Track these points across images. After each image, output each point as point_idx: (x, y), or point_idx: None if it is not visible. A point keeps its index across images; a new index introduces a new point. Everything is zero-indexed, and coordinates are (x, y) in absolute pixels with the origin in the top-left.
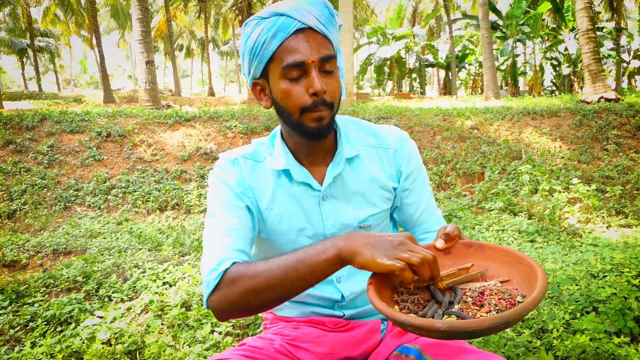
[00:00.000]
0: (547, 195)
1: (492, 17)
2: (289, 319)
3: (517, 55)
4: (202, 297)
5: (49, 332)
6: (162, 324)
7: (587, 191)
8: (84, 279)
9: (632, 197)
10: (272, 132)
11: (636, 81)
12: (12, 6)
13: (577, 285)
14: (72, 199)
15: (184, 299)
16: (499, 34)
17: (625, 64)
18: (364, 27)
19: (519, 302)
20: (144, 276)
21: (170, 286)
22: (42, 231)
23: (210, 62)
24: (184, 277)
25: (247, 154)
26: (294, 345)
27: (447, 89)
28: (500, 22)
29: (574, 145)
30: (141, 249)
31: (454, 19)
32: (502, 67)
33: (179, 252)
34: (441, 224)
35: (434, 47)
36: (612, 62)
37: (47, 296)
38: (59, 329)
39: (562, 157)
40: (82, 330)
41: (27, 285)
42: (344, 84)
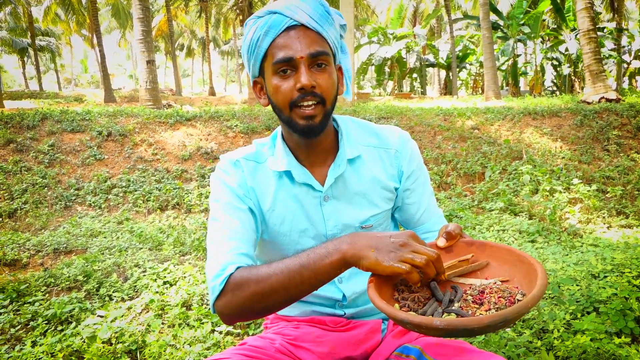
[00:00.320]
0: (547, 195)
1: (493, 17)
2: (290, 318)
3: (517, 55)
4: (202, 297)
5: (49, 331)
6: (162, 324)
7: (588, 191)
8: (85, 278)
9: (633, 197)
10: (273, 132)
11: (637, 81)
12: (13, 5)
13: (577, 285)
14: (73, 198)
15: (185, 299)
16: (499, 34)
17: (626, 65)
18: (364, 27)
19: (518, 300)
20: (144, 275)
21: (170, 285)
22: (43, 230)
23: (211, 62)
24: (185, 277)
25: (249, 155)
26: (295, 344)
27: (448, 89)
28: (501, 22)
29: (575, 145)
30: (142, 249)
31: (454, 19)
32: (503, 67)
33: (180, 251)
34: (442, 224)
35: (434, 47)
36: (613, 62)
37: (47, 295)
38: (59, 328)
39: (563, 158)
40: (83, 329)
41: (27, 284)
42: (349, 84)
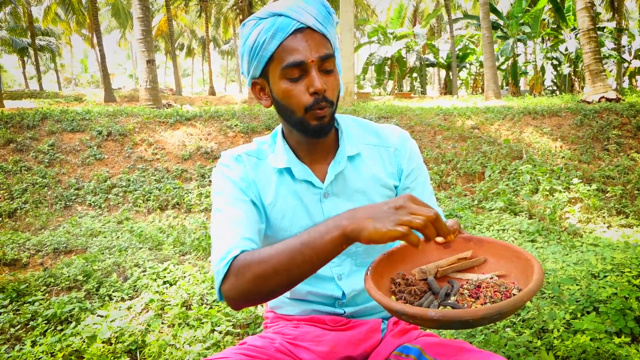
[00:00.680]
0: (547, 195)
1: (493, 17)
2: (290, 318)
3: (517, 55)
4: (202, 297)
5: (49, 331)
6: (162, 323)
7: (588, 191)
8: (85, 278)
9: (633, 197)
10: (273, 130)
11: (637, 81)
12: (13, 5)
13: (577, 285)
14: (73, 197)
15: (185, 298)
16: (499, 33)
17: (626, 64)
18: (364, 27)
19: (514, 294)
20: (144, 275)
21: (170, 285)
22: (43, 230)
23: (211, 62)
24: (185, 276)
25: (250, 151)
26: (295, 344)
27: (448, 88)
28: (501, 22)
29: (575, 145)
30: (142, 248)
31: (454, 18)
32: (503, 66)
33: (180, 251)
34: None
35: (434, 47)
36: (613, 62)
37: (47, 295)
38: (59, 327)
39: (563, 157)
40: (83, 329)
41: (27, 284)
42: (342, 82)
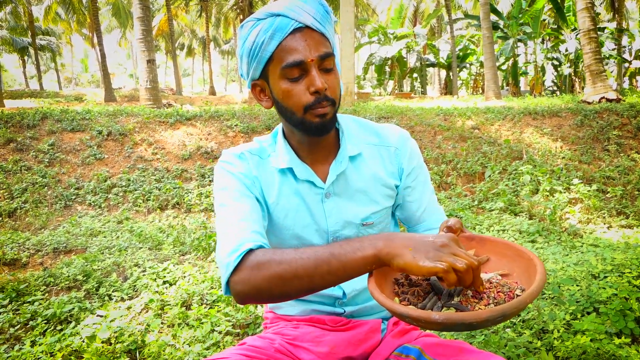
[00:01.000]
0: (548, 195)
1: (493, 17)
2: (289, 318)
3: (518, 55)
4: (202, 297)
5: (49, 330)
6: (162, 323)
7: (588, 191)
8: (84, 278)
9: (633, 197)
10: (273, 130)
11: (637, 81)
12: (14, 4)
13: (577, 285)
14: (73, 197)
15: (184, 298)
16: (500, 33)
17: (626, 64)
18: (365, 27)
19: (517, 295)
20: (144, 275)
21: (170, 285)
22: (43, 230)
23: (211, 61)
24: (184, 276)
25: (252, 149)
26: (294, 344)
27: (448, 88)
28: (501, 22)
29: (575, 145)
30: (141, 248)
31: (455, 18)
32: (503, 67)
33: (180, 251)
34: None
35: (435, 47)
36: (614, 62)
37: (47, 295)
38: (59, 327)
39: (563, 158)
40: (82, 329)
41: (27, 283)
42: (342, 81)
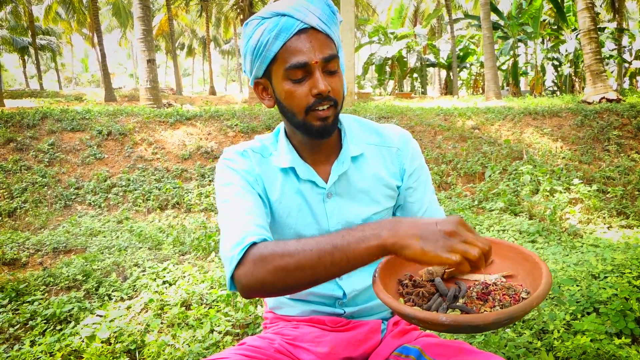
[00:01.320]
0: (548, 195)
1: (494, 17)
2: (289, 318)
3: (518, 55)
4: (201, 296)
5: (48, 330)
6: (161, 323)
7: (588, 192)
8: (84, 278)
9: (633, 197)
10: (275, 129)
11: (638, 82)
12: (14, 4)
13: (577, 286)
14: (73, 197)
15: (184, 298)
16: (500, 33)
17: (627, 65)
18: (365, 27)
19: (523, 298)
20: (144, 275)
21: (170, 285)
22: (43, 229)
23: (211, 61)
24: (184, 276)
25: (254, 147)
26: (294, 344)
27: (449, 88)
28: (501, 22)
29: (575, 145)
30: (141, 248)
31: (455, 18)
32: (504, 67)
33: (179, 251)
34: None
35: (435, 47)
36: (614, 62)
37: (46, 294)
38: (58, 327)
39: (563, 158)
40: (82, 329)
41: (26, 283)
42: (345, 81)
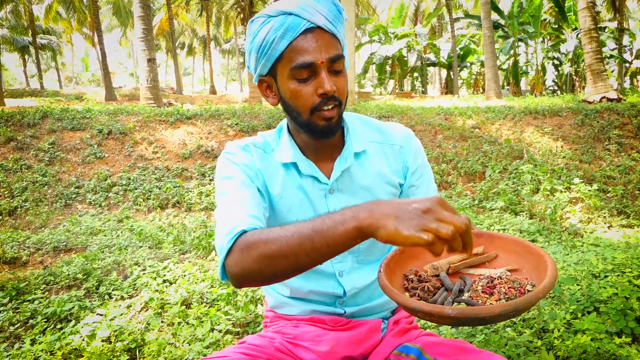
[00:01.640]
0: (548, 195)
1: (494, 16)
2: (290, 317)
3: (518, 54)
4: (202, 295)
5: (48, 329)
6: (162, 322)
7: (589, 191)
8: (84, 277)
9: (634, 197)
10: (278, 125)
11: (638, 81)
12: (14, 3)
13: (578, 285)
14: (73, 196)
15: (184, 297)
16: (500, 33)
17: (627, 64)
18: (365, 26)
19: (528, 290)
20: (144, 274)
21: (170, 284)
22: (43, 228)
23: (211, 60)
24: (185, 275)
25: (257, 142)
26: (294, 343)
27: (449, 88)
28: (502, 21)
29: (576, 145)
30: (142, 247)
31: (455, 18)
32: (504, 66)
33: (180, 250)
34: None
35: (435, 46)
36: (615, 62)
37: (47, 293)
38: (58, 326)
39: (564, 157)
40: (82, 327)
41: (27, 282)
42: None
